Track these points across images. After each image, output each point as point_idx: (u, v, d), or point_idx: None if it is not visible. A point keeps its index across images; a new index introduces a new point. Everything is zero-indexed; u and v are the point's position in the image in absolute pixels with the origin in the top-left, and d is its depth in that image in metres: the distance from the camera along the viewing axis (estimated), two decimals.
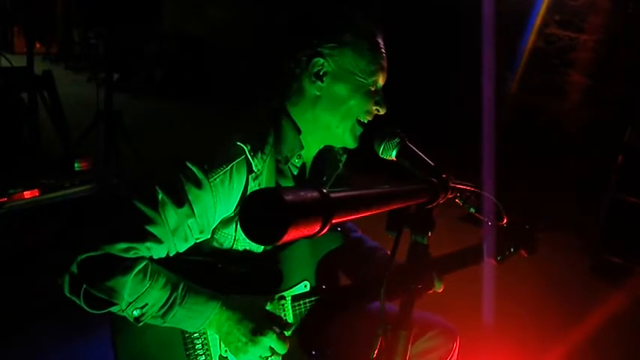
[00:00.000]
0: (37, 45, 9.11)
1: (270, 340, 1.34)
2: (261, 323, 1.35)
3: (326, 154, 1.55)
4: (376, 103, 1.43)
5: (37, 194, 2.76)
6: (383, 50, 1.42)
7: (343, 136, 1.43)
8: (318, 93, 1.39)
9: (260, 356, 1.36)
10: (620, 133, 3.87)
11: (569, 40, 4.85)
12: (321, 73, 1.37)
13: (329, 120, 1.41)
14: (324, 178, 1.54)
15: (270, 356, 1.37)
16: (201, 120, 6.39)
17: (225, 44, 7.95)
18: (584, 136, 4.72)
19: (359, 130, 1.44)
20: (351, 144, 1.45)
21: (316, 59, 1.36)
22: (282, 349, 1.36)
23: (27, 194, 2.73)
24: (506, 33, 4.85)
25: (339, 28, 1.37)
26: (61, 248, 2.66)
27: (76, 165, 3.01)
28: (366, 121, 1.44)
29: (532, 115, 5.07)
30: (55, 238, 2.82)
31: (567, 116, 4.90)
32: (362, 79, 1.38)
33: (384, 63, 1.43)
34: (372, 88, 1.41)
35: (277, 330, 1.36)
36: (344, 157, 1.58)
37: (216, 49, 8.12)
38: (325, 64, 1.37)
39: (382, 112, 1.45)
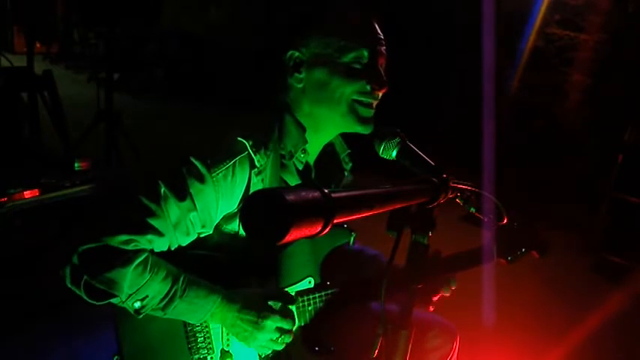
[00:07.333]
0: (37, 45, 9.10)
1: (274, 322, 1.35)
2: (261, 309, 1.35)
3: (331, 159, 1.55)
4: (370, 81, 1.37)
5: (37, 194, 2.76)
6: (363, 25, 1.39)
7: (347, 122, 1.40)
8: (300, 85, 1.39)
9: (271, 339, 1.36)
10: (620, 133, 3.87)
11: (569, 39, 4.84)
12: (298, 65, 1.38)
13: (322, 109, 1.40)
14: (332, 186, 1.55)
15: (280, 337, 1.37)
16: (202, 120, 6.40)
17: (225, 44, 7.95)
18: (584, 136, 4.72)
19: (364, 111, 1.39)
20: (360, 129, 1.40)
21: (290, 52, 1.38)
22: (289, 324, 1.37)
23: (27, 194, 2.73)
24: (506, 33, 4.84)
25: (310, 18, 1.39)
26: (64, 242, 2.66)
27: (76, 165, 3.01)
28: (367, 101, 1.39)
29: (532, 115, 5.06)
30: (55, 238, 2.82)
31: (567, 116, 4.89)
32: (336, 59, 1.35)
33: (364, 37, 1.37)
34: (356, 66, 1.36)
35: (279, 311, 1.36)
36: (349, 166, 1.58)
37: (216, 48, 8.11)
38: (299, 54, 1.38)
39: (381, 88, 1.39)
